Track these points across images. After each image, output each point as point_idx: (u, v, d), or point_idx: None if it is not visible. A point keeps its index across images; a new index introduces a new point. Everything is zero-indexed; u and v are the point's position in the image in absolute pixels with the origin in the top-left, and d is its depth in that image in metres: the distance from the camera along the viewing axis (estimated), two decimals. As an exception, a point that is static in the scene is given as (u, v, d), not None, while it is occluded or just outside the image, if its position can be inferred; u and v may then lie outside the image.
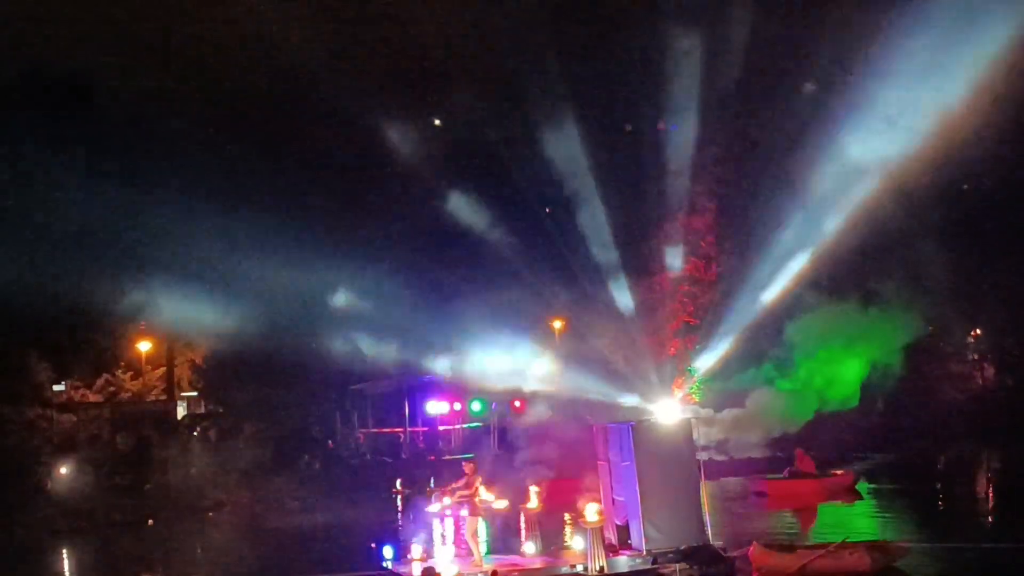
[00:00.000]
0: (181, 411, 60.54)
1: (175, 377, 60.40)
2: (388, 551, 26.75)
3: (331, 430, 56.95)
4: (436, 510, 27.67)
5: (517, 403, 57.79)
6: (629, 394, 48.97)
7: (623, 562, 25.19)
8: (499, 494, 27.39)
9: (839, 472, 42.68)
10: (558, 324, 61.44)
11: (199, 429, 55.37)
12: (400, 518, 35.73)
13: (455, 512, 27.79)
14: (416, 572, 24.64)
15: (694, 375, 57.62)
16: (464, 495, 25.98)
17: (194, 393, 61.89)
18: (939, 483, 45.25)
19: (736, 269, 54.63)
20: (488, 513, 27.26)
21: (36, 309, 47.85)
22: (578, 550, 25.57)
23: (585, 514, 25.15)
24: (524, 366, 51.10)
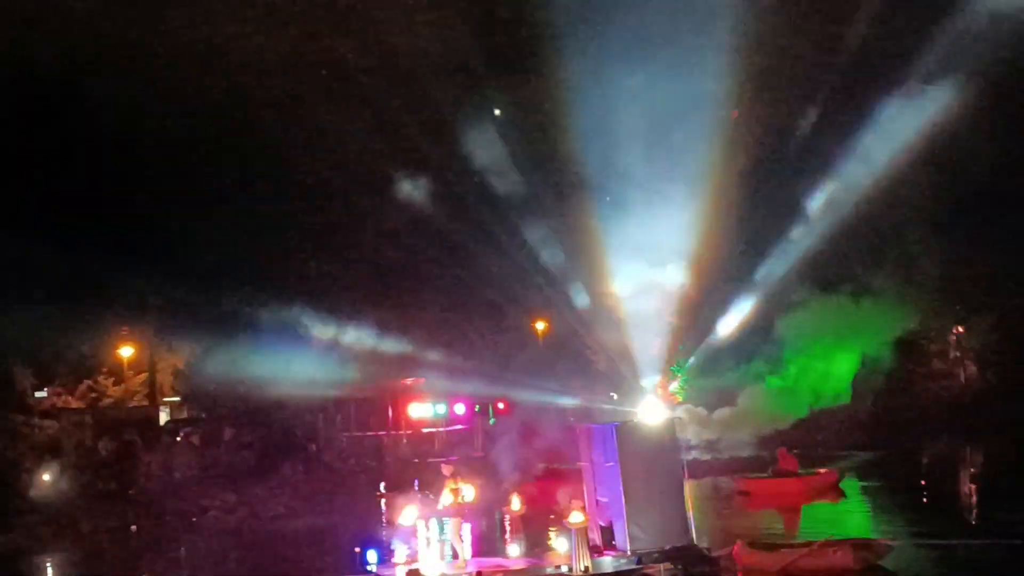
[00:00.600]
0: (164, 416, 60.34)
1: (157, 383, 60.22)
2: (372, 555, 26.67)
3: (314, 434, 56.81)
4: (408, 523, 27.31)
5: (501, 405, 57.85)
6: (611, 395, 49.08)
7: (608, 563, 25.16)
8: (484, 494, 27.41)
9: (823, 470, 42.69)
10: (541, 325, 61.43)
11: (182, 434, 55.21)
12: (384, 521, 35.60)
13: (438, 516, 27.70)
14: (401, 575, 24.58)
15: (678, 374, 57.67)
16: (447, 495, 25.93)
17: (176, 398, 61.70)
18: (923, 480, 45.30)
19: (721, 268, 54.57)
20: (471, 515, 27.24)
21: (18, 315, 47.69)
22: (562, 551, 25.54)
23: (569, 516, 25.14)
24: (509, 368, 51.18)
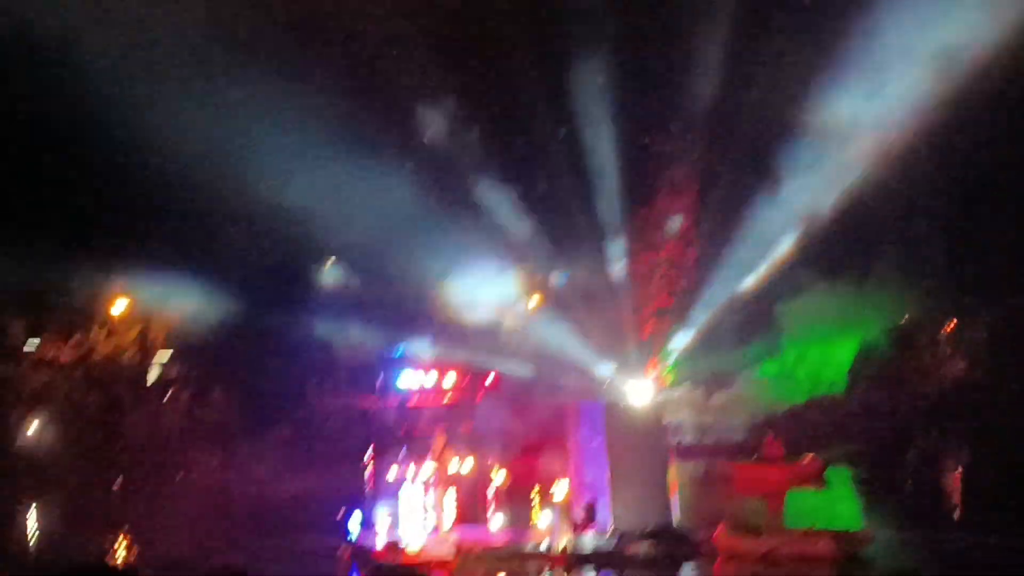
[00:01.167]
0: (154, 373, 60.32)
1: (148, 338, 60.15)
2: (355, 521, 26.78)
3: (302, 399, 56.81)
4: (392, 480, 27.56)
5: (490, 378, 57.82)
6: (600, 374, 49.10)
7: (589, 540, 25.26)
8: (468, 466, 27.49)
9: (808, 459, 42.78)
10: (533, 302, 61.28)
11: (171, 391, 55.22)
12: (368, 489, 35.65)
13: (423, 485, 27.79)
14: (381, 544, 24.65)
15: (668, 357, 57.62)
16: (431, 468, 26.06)
17: (167, 355, 61.65)
18: (907, 473, 45.40)
19: (718, 251, 54.36)
20: (455, 486, 27.32)
21: (11, 265, 47.56)
22: (544, 527, 25.63)
23: (552, 492, 25.23)
24: (497, 343, 51.18)
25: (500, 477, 27.60)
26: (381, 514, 26.51)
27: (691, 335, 56.06)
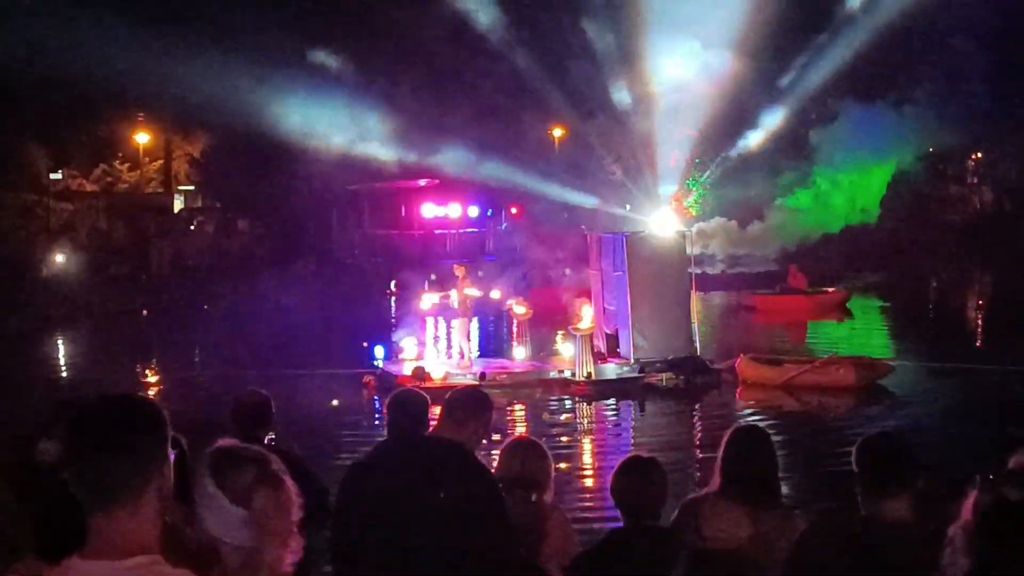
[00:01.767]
0: (178, 204, 60.59)
1: (173, 170, 60.29)
2: (380, 350, 27.07)
3: (328, 229, 57.05)
4: (427, 307, 27.91)
5: (514, 209, 57.88)
6: (625, 205, 48.96)
7: (610, 369, 25.51)
8: (492, 296, 27.67)
9: (831, 289, 42.86)
10: (558, 132, 61.00)
11: (195, 223, 55.49)
12: (393, 319, 35.96)
13: (446, 315, 28.00)
14: (406, 371, 24.92)
15: (693, 188, 57.36)
16: (457, 296, 26.20)
17: (191, 188, 61.84)
18: (930, 304, 45.51)
19: (748, 78, 53.51)
20: (479, 316, 27.52)
21: (34, 96, 47.44)
22: (567, 356, 25.85)
23: (575, 321, 25.39)
24: (523, 172, 50.98)
25: (523, 307, 27.73)
26: (406, 343, 26.80)
27: (719, 165, 55.64)
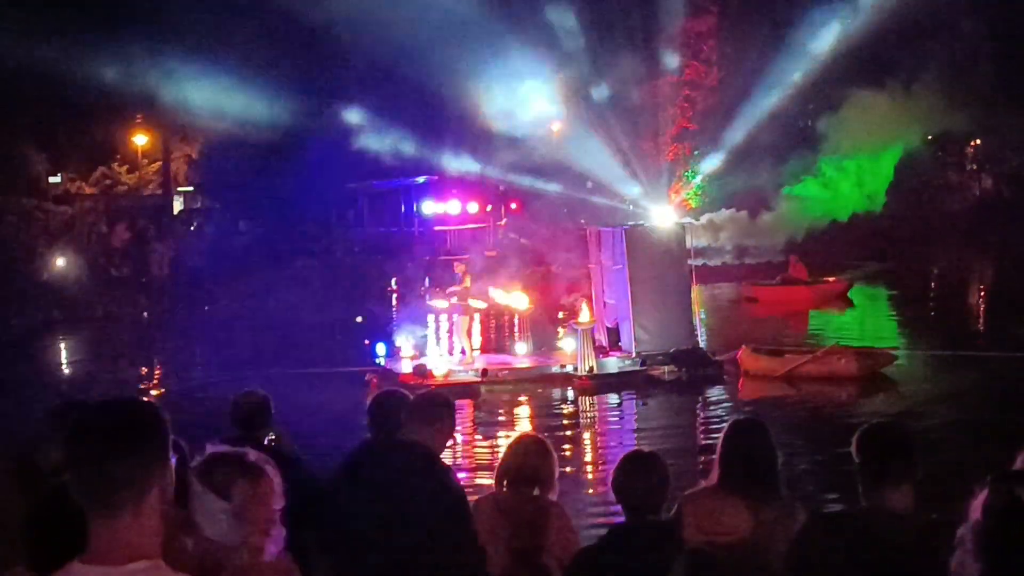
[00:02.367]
0: (177, 206, 60.57)
1: (171, 172, 60.23)
2: (381, 348, 27.05)
3: (327, 228, 57.01)
4: (442, 306, 27.74)
5: (513, 204, 57.86)
6: (624, 198, 48.88)
7: (612, 363, 25.51)
8: (493, 292, 27.65)
9: (832, 279, 42.83)
10: (555, 127, 60.89)
11: (195, 224, 55.47)
12: (394, 316, 35.99)
13: (448, 312, 27.98)
14: (408, 369, 24.93)
15: (692, 180, 57.25)
16: (457, 293, 26.20)
17: (190, 188, 61.83)
18: (931, 292, 45.48)
19: (747, 66, 53.24)
20: (480, 312, 27.52)
21: (33, 99, 47.42)
22: (569, 351, 25.85)
23: (576, 316, 25.40)
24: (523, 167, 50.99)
25: (524, 302, 27.73)
26: (407, 340, 26.78)
27: (721, 157, 55.36)
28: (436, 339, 27.49)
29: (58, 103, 49.18)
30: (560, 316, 29.60)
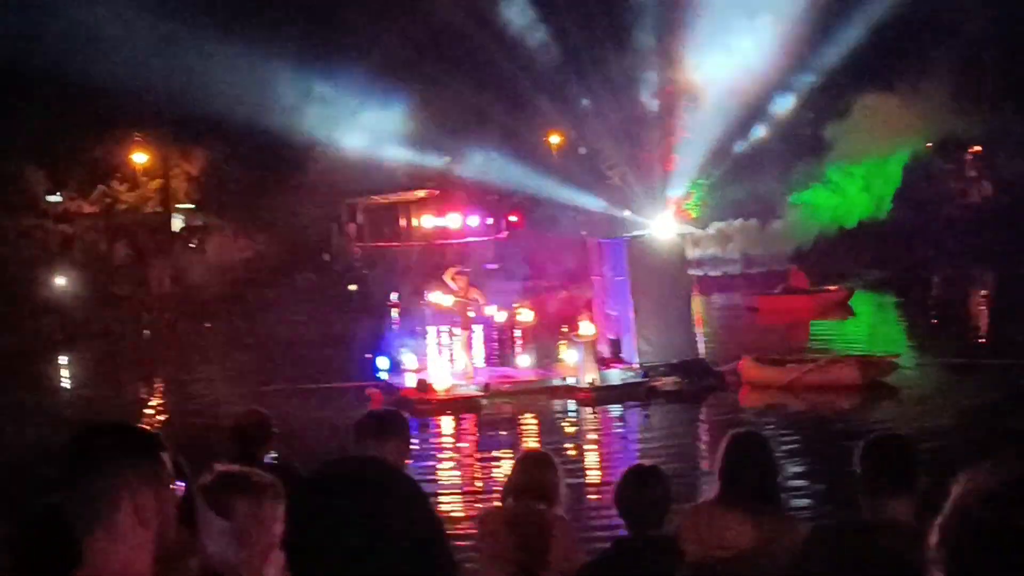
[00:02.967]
0: (178, 223, 60.53)
1: (171, 189, 60.20)
2: (383, 362, 26.98)
3: (327, 243, 57.02)
4: (446, 302, 27.35)
5: (514, 217, 57.87)
6: (625, 210, 48.89)
7: (615, 375, 25.44)
8: (493, 305, 27.60)
9: (833, 288, 42.78)
10: (556, 139, 61.00)
11: (195, 241, 55.45)
12: (395, 330, 35.97)
13: (449, 323, 27.88)
14: (410, 383, 24.88)
15: (693, 191, 57.23)
16: (460, 302, 26.09)
17: (190, 205, 61.77)
18: (932, 300, 45.44)
19: (751, 77, 53.07)
20: (482, 323, 27.48)
21: (32, 117, 47.44)
22: (571, 363, 25.80)
23: (577, 328, 25.36)
24: (521, 178, 51.03)
25: (525, 315, 27.68)
26: (408, 355, 26.71)
27: (725, 164, 55.19)
28: (437, 352, 27.39)
29: (58, 120, 49.19)
30: (562, 328, 29.52)
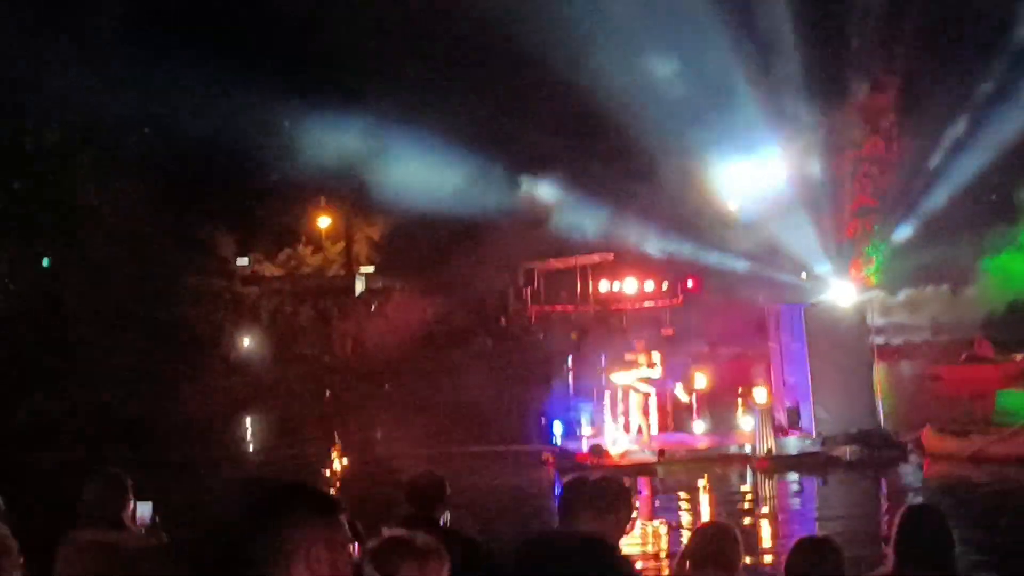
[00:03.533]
0: (359, 286, 61.75)
1: (353, 252, 61.51)
2: (558, 427, 27.07)
3: (504, 307, 57.48)
4: (626, 381, 27.39)
5: (690, 282, 57.58)
6: (802, 274, 48.31)
7: (792, 443, 25.12)
8: (670, 371, 27.50)
9: (1020, 357, 41.58)
10: (733, 205, 60.66)
11: (376, 304, 56.46)
12: (570, 395, 36.06)
13: (626, 390, 27.85)
14: (584, 448, 24.95)
15: (873, 256, 56.28)
16: (639, 376, 26.11)
17: (371, 268, 62.98)
18: None
19: (936, 139, 52.00)
20: (657, 390, 27.39)
21: (223, 183, 49.05)
22: (747, 431, 25.57)
23: (754, 395, 25.14)
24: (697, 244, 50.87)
25: (702, 381, 27.52)
26: (583, 420, 26.75)
27: (908, 230, 53.98)
28: (613, 418, 27.38)
29: (248, 186, 50.84)
30: (737, 395, 29.29)
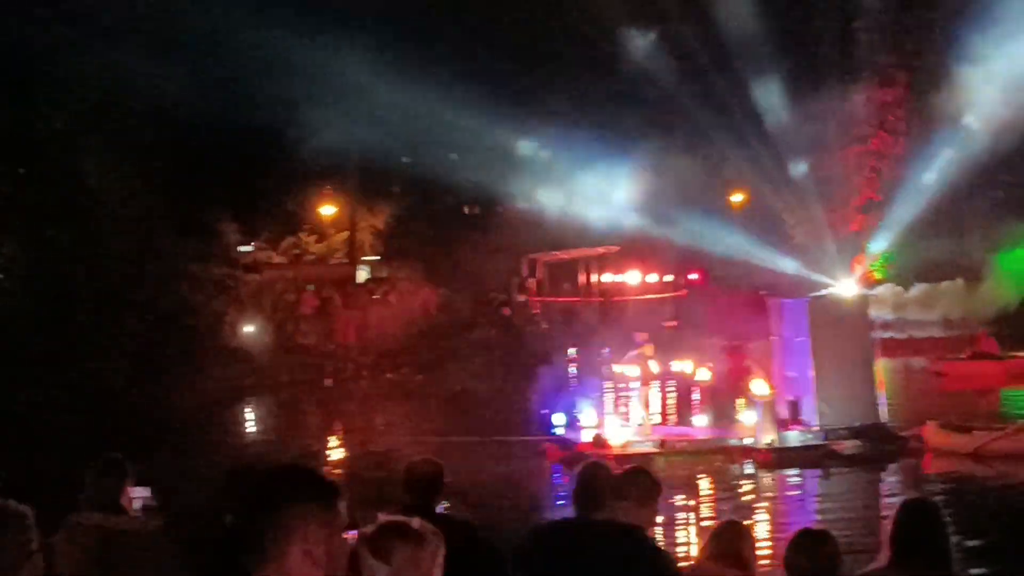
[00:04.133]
0: (362, 275, 61.68)
1: (357, 241, 61.41)
2: (560, 418, 27.05)
3: (508, 298, 57.41)
4: (631, 372, 27.44)
5: (694, 275, 57.49)
6: (805, 269, 48.16)
7: (794, 437, 25.10)
8: (672, 363, 27.49)
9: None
10: (738, 198, 60.56)
11: (379, 292, 56.39)
12: (572, 386, 36.05)
13: (630, 378, 27.82)
14: (586, 439, 24.93)
15: (879, 252, 56.09)
16: (637, 359, 26.12)
17: (375, 258, 62.89)
18: None
19: (938, 136, 51.61)
20: (659, 382, 27.38)
21: (230, 170, 48.99)
22: (749, 424, 25.54)
23: (755, 388, 25.12)
24: (701, 239, 50.74)
25: (704, 374, 27.48)
26: (585, 411, 26.74)
27: (915, 226, 53.72)
28: (614, 409, 27.34)
29: (254, 173, 50.78)
30: (739, 388, 29.24)
